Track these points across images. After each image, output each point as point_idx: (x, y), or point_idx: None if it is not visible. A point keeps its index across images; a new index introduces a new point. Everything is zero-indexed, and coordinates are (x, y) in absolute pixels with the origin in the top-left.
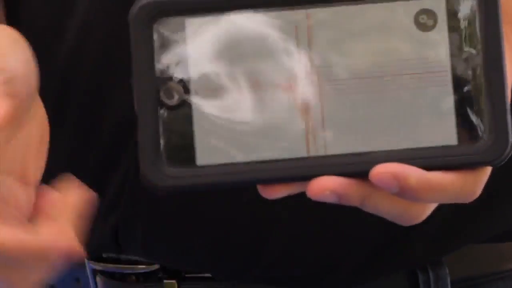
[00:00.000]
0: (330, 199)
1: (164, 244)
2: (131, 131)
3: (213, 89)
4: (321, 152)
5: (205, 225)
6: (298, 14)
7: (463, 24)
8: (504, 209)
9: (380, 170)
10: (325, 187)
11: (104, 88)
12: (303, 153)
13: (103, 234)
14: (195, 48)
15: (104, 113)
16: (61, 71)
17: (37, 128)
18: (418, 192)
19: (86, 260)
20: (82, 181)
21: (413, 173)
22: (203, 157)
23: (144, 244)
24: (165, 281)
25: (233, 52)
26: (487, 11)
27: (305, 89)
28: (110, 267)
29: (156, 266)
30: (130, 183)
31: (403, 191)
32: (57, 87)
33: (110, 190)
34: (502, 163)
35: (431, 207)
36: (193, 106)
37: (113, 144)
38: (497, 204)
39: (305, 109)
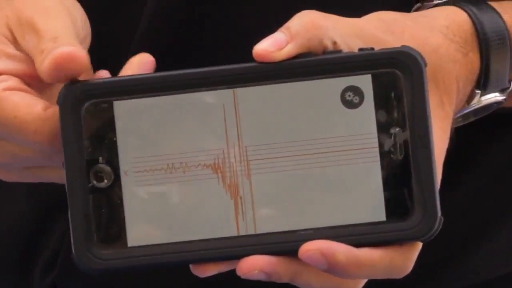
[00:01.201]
0: (259, 277)
1: None
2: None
3: (142, 170)
4: (251, 231)
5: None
6: (225, 94)
7: (390, 101)
8: (461, 265)
9: (308, 247)
10: (253, 267)
11: None
12: (233, 232)
13: None
14: (123, 130)
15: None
16: None
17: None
18: (346, 269)
19: None
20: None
21: (340, 250)
22: (134, 239)
23: None
24: None
25: (161, 133)
26: (414, 88)
27: (234, 168)
28: None
29: None
30: (67, 243)
31: (332, 268)
32: None
33: (47, 251)
34: (431, 238)
35: (363, 282)
36: (123, 188)
37: (51, 204)
38: (455, 259)
39: (234, 188)
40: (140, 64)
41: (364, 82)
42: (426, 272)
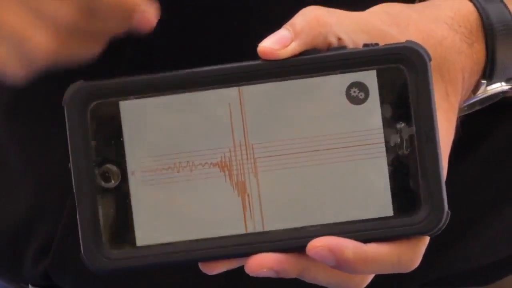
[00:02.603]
0: (268, 275)
1: None
2: (63, 180)
3: (149, 170)
4: (259, 229)
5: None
6: (231, 92)
7: (395, 96)
8: (459, 251)
9: (316, 244)
10: (262, 265)
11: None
12: (241, 230)
13: (35, 277)
14: (130, 130)
15: (40, 158)
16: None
17: None
18: (354, 265)
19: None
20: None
21: (348, 246)
22: (142, 238)
23: None
24: None
25: (167, 132)
26: (419, 83)
27: (241, 166)
28: None
29: None
30: (60, 231)
31: (340, 264)
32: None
33: (39, 238)
34: (439, 232)
35: (370, 276)
36: (130, 188)
37: (45, 191)
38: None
39: (242, 186)
40: None
41: (369, 78)
42: (425, 259)
